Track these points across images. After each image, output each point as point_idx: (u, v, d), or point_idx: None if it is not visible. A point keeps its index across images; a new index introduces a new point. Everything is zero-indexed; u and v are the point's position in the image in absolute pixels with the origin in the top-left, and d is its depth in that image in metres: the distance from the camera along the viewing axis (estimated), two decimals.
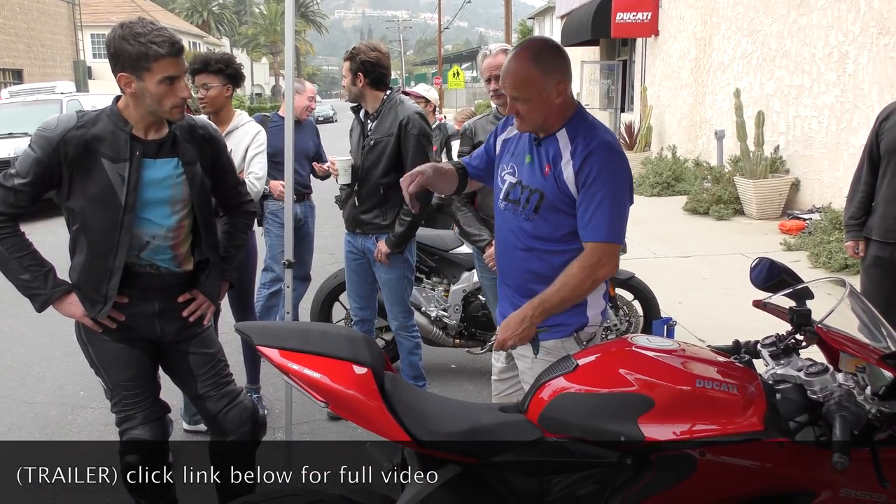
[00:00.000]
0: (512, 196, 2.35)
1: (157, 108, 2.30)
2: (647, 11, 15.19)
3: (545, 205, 2.25)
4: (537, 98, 2.20)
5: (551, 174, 2.24)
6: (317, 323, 4.43)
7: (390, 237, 3.73)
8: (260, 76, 68.96)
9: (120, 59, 2.25)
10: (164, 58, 2.23)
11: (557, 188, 2.23)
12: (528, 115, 2.23)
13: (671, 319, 4.24)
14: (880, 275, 3.64)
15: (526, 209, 2.29)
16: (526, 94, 2.19)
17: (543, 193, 2.25)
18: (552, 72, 2.21)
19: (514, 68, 2.22)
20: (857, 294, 1.99)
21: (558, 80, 2.21)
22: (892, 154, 3.52)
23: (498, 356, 2.55)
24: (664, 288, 5.38)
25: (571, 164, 2.21)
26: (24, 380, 4.80)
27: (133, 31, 2.22)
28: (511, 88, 2.22)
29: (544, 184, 2.26)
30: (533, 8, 40.92)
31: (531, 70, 2.19)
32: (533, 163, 2.31)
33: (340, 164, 3.77)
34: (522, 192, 2.30)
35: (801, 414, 1.78)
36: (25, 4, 29.95)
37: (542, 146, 2.29)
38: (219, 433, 2.61)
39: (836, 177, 8.78)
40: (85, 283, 2.40)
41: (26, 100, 14.35)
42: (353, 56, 3.68)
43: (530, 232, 2.30)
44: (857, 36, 8.56)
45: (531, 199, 2.28)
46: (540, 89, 2.19)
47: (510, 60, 2.24)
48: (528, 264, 2.33)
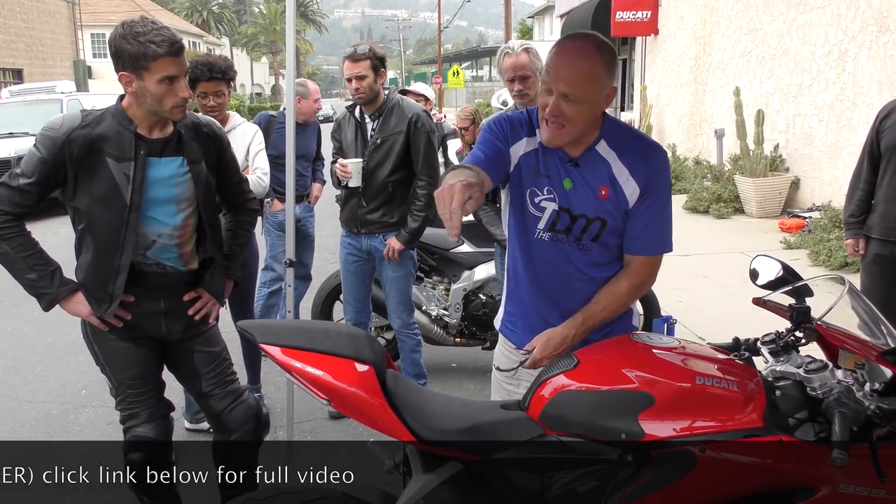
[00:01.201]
0: (559, 226, 2.03)
1: (158, 107, 2.30)
2: (647, 10, 15.20)
3: (608, 231, 2.02)
4: (593, 100, 1.89)
5: (611, 196, 1.98)
6: (319, 321, 4.44)
7: (403, 233, 3.74)
8: (260, 76, 68.97)
9: (121, 59, 2.25)
10: (162, 57, 2.23)
11: (618, 209, 1.99)
12: (573, 121, 1.89)
13: (671, 318, 4.25)
14: (880, 273, 3.65)
15: (582, 239, 2.03)
16: (582, 92, 1.86)
17: (606, 221, 2.00)
18: (612, 71, 1.92)
19: (574, 58, 1.88)
20: (857, 291, 2.00)
21: (612, 83, 1.94)
22: (892, 152, 3.52)
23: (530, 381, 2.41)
24: (664, 287, 5.35)
25: (633, 179, 1.97)
26: (26, 378, 4.82)
27: (133, 31, 2.23)
28: (566, 84, 1.85)
29: (605, 209, 1.99)
30: (532, 7, 40.93)
31: (596, 64, 1.87)
32: (577, 187, 2.00)
33: (353, 165, 3.70)
34: (575, 222, 2.01)
35: (801, 410, 1.78)
36: (25, 4, 29.95)
37: (581, 166, 1.99)
38: (222, 431, 2.63)
39: (836, 175, 8.79)
40: (91, 282, 2.40)
41: (27, 99, 14.36)
42: (373, 53, 3.63)
43: (590, 261, 2.06)
44: (857, 34, 8.56)
45: (589, 229, 2.01)
46: (599, 88, 1.89)
47: (563, 51, 1.91)
48: (586, 294, 2.09)
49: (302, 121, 4.76)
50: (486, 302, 4.55)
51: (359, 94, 3.67)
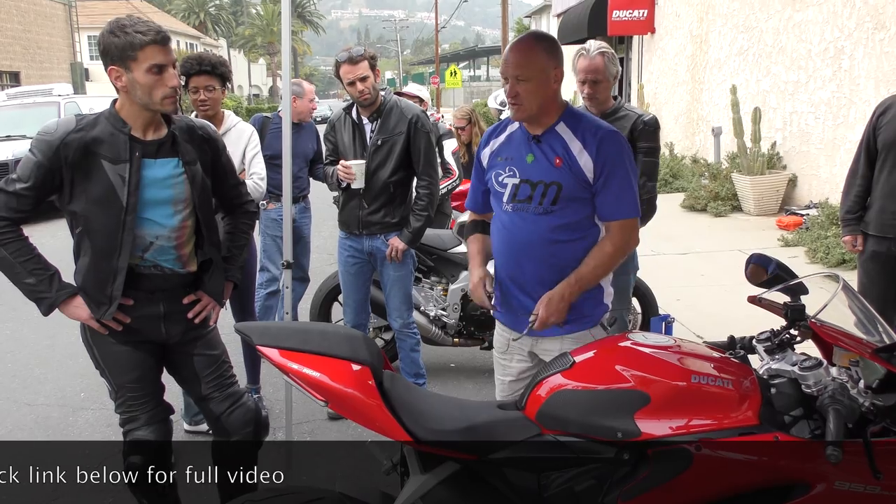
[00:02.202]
0: (520, 195, 2.38)
1: (148, 99, 2.30)
2: (644, 9, 15.19)
3: (564, 195, 2.32)
4: (538, 78, 2.30)
5: (564, 165, 2.32)
6: (316, 323, 4.45)
7: (406, 232, 3.75)
8: (257, 77, 68.92)
9: (109, 53, 2.27)
10: (149, 45, 2.24)
11: (573, 177, 2.31)
12: (526, 98, 2.30)
13: (669, 316, 4.23)
14: (877, 269, 3.66)
15: (543, 203, 2.34)
16: (528, 72, 2.29)
17: (561, 184, 2.32)
18: (553, 55, 2.34)
19: (518, 49, 2.34)
20: (851, 289, 2.01)
21: (556, 66, 2.34)
22: (890, 148, 3.53)
23: (522, 357, 2.51)
24: (662, 285, 5.40)
25: (586, 152, 2.31)
26: (25, 382, 4.82)
27: (119, 24, 2.26)
28: (514, 67, 2.30)
29: (560, 175, 2.33)
30: (529, 6, 40.91)
31: (535, 49, 2.33)
32: (537, 159, 2.37)
33: (357, 167, 3.68)
34: (535, 189, 2.35)
35: (796, 408, 1.80)
36: (22, 7, 29.90)
37: (542, 143, 2.37)
38: (222, 434, 2.63)
39: (833, 172, 8.80)
40: (90, 285, 2.41)
41: (24, 102, 14.31)
42: (368, 54, 3.64)
43: (553, 224, 2.34)
44: (853, 31, 8.57)
45: (548, 193, 2.33)
46: (542, 68, 2.31)
47: (513, 46, 2.37)
48: (553, 259, 2.36)
49: (297, 120, 4.76)
50: None
51: (364, 96, 3.63)
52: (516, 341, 2.48)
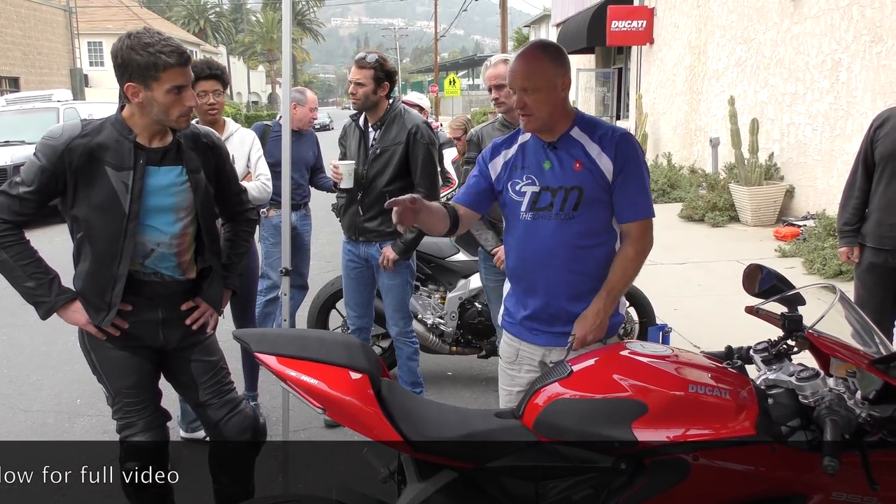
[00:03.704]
0: (541, 203, 2.37)
1: (164, 117, 2.32)
2: (642, 20, 15.27)
3: (585, 200, 2.32)
4: (546, 88, 2.30)
5: (585, 168, 2.33)
6: (314, 330, 4.44)
7: (398, 243, 3.76)
8: (256, 84, 69.02)
9: (128, 69, 2.27)
10: (173, 68, 2.26)
11: (594, 180, 2.32)
12: (536, 108, 2.30)
13: (667, 326, 4.24)
14: (874, 281, 3.67)
15: (564, 209, 2.33)
16: (535, 83, 2.29)
17: (582, 189, 2.32)
18: (559, 64, 2.34)
19: (524, 60, 2.33)
20: (848, 300, 2.01)
21: (563, 74, 2.34)
22: (887, 161, 3.55)
23: (532, 367, 2.48)
24: (660, 295, 5.41)
25: (605, 154, 2.33)
26: (21, 388, 4.80)
27: (142, 42, 2.25)
28: (521, 79, 2.30)
29: (581, 179, 2.33)
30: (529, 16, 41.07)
31: (541, 59, 2.32)
32: (554, 166, 2.37)
33: (344, 167, 3.74)
34: (555, 195, 2.34)
35: (793, 418, 1.80)
36: (22, 12, 29.95)
37: (559, 149, 2.37)
38: (219, 440, 2.62)
39: (831, 184, 8.83)
40: (89, 291, 2.41)
41: (23, 108, 14.34)
42: (380, 65, 3.69)
43: (575, 230, 2.34)
44: (850, 44, 8.62)
45: (569, 198, 2.33)
46: (548, 78, 2.30)
47: (518, 57, 2.35)
48: (575, 265, 2.35)
49: (297, 128, 4.77)
50: (481, 310, 4.55)
51: (353, 100, 3.77)
52: (547, 357, 2.41)
